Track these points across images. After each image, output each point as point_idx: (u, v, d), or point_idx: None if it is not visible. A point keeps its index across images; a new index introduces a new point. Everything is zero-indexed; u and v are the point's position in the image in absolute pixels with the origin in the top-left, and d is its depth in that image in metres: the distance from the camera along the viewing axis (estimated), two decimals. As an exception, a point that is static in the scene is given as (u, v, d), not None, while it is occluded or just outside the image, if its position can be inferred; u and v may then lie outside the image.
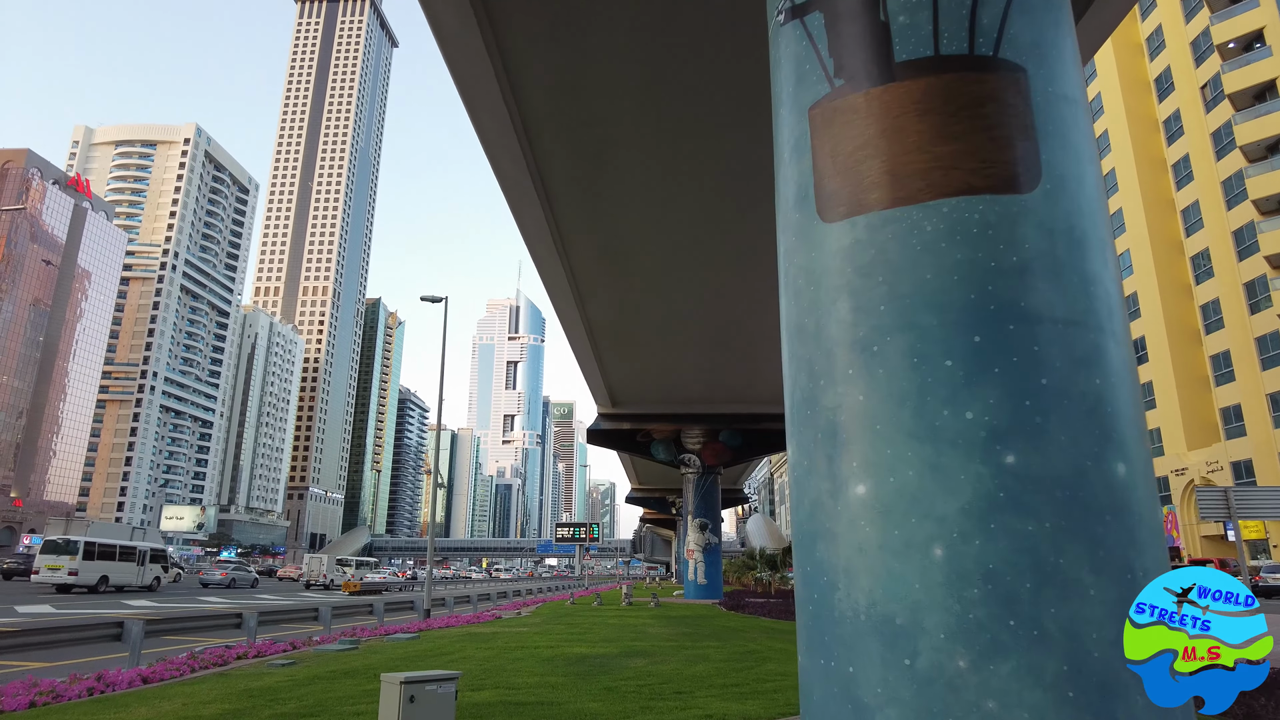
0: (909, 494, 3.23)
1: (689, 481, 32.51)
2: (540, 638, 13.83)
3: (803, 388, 3.78)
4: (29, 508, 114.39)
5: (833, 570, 3.43)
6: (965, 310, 3.33)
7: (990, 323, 3.30)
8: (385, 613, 21.85)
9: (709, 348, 25.65)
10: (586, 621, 18.54)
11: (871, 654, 3.20)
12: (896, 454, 3.29)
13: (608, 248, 17.13)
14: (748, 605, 24.63)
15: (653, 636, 14.25)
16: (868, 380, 3.45)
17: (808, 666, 3.58)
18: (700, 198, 15.10)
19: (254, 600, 27.69)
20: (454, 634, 15.27)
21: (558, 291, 19.21)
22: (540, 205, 14.53)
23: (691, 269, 19.08)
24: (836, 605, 3.38)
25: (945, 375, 3.28)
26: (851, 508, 3.38)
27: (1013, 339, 3.28)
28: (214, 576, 40.20)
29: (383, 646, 12.55)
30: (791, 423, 3.88)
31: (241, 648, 11.50)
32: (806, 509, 3.65)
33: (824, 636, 3.44)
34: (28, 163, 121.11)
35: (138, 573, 32.58)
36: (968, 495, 3.14)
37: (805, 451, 3.69)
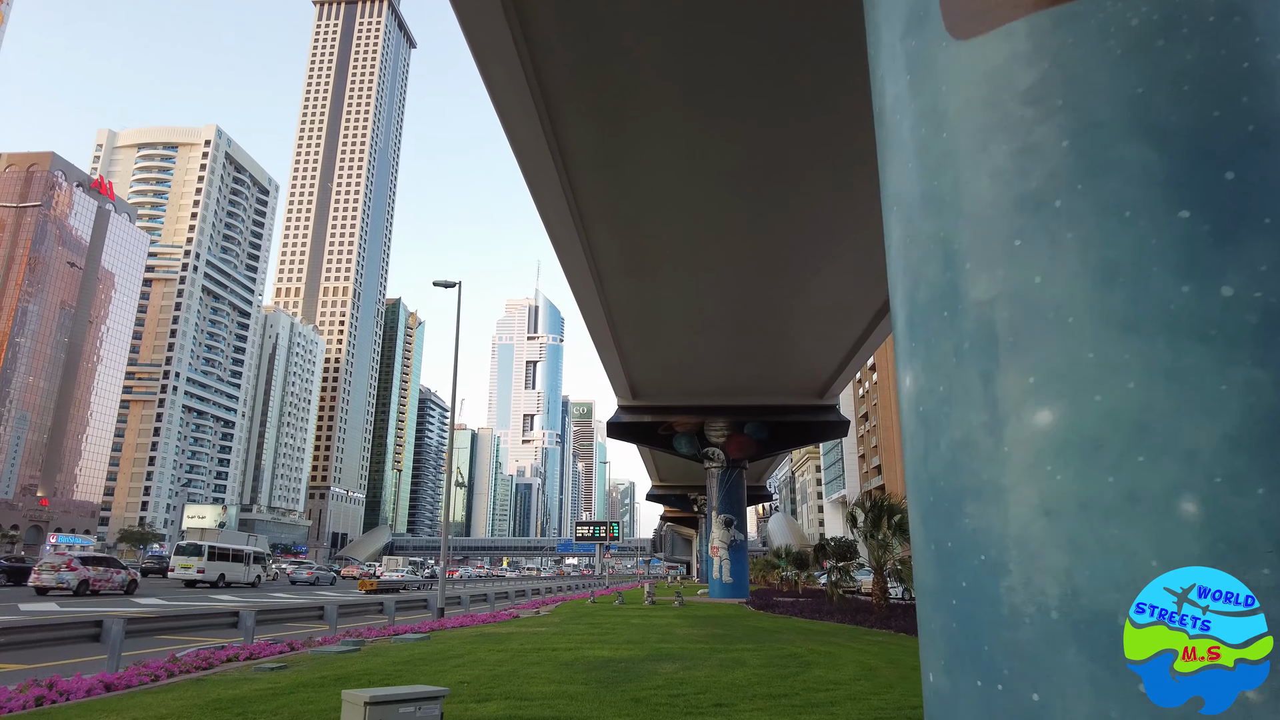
0: (1130, 419, 2.05)
1: (713, 476, 31.27)
2: (559, 639, 12.72)
3: (932, 282, 2.60)
4: (55, 507, 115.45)
5: (996, 544, 2.24)
6: (1206, 134, 2.14)
7: (1248, 150, 2.10)
8: (397, 612, 20.86)
9: (735, 333, 24.43)
10: (609, 622, 17.42)
11: (1074, 673, 2.02)
12: (1104, 358, 2.11)
13: (627, 218, 15.96)
14: (778, 605, 23.41)
15: (681, 638, 13.09)
16: (1048, 251, 2.26)
17: (949, 691, 2.39)
18: (727, 162, 13.93)
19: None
20: (467, 634, 14.20)
21: (576, 272, 18.08)
22: (556, 173, 13.41)
23: (717, 244, 17.91)
24: (1005, 598, 2.20)
25: (1181, 233, 2.09)
26: (1028, 446, 2.20)
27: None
28: (301, 575, 44.90)
29: (387, 648, 11.50)
30: (911, 336, 2.71)
31: (233, 649, 10.50)
32: (944, 457, 2.46)
33: (981, 645, 2.26)
34: (52, 165, 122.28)
35: (246, 571, 37.69)
36: (1235, 416, 1.95)
37: (939, 373, 2.51)
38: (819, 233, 17.55)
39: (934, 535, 2.50)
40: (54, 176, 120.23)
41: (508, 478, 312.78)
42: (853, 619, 17.39)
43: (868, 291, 20.47)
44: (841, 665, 9.31)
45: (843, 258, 18.96)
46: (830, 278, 20.40)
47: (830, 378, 28.51)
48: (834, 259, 19.07)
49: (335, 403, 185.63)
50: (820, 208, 16.21)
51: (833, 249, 18.57)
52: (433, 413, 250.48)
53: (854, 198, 15.82)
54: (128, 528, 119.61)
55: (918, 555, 2.68)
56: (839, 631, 14.80)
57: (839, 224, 17.08)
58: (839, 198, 15.72)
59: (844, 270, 19.96)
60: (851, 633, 14.46)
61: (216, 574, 34.97)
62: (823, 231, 17.42)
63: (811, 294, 21.54)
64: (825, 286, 20.99)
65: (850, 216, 16.62)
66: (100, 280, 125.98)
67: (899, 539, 18.15)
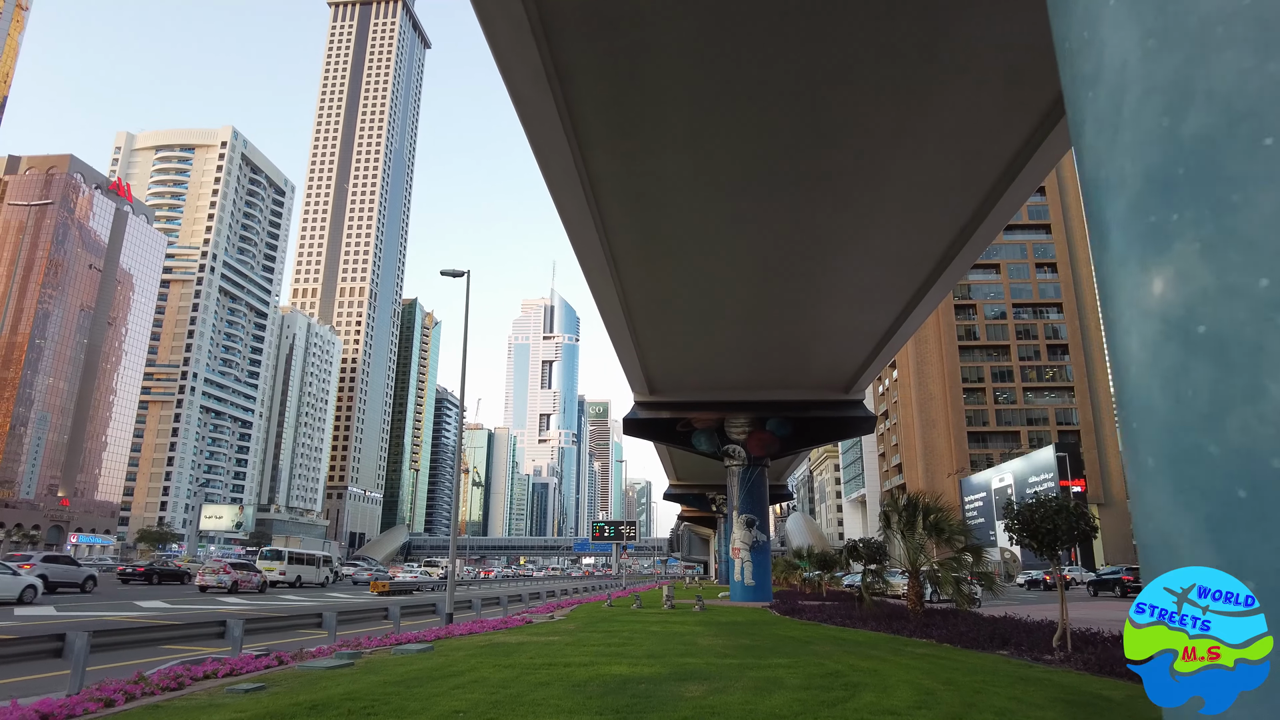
0: None
1: (733, 474, 30.07)
2: (573, 651, 11.64)
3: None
4: (76, 507, 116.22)
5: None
6: None
7: None
8: (404, 617, 19.91)
9: (757, 325, 23.25)
10: (626, 629, 16.32)
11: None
12: None
13: (645, 200, 14.82)
14: (804, 609, 22.20)
15: (705, 650, 11.96)
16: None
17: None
18: (751, 128, 12.79)
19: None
20: (474, 644, 13.16)
21: (590, 258, 16.97)
22: (567, 142, 12.31)
23: (738, 230, 16.77)
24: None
25: None
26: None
27: None
28: (362, 576, 49.10)
29: (384, 662, 10.48)
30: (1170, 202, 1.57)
31: (213, 664, 9.51)
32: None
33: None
34: (71, 168, 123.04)
35: (317, 573, 42.71)
36: None
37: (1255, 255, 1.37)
38: (847, 218, 16.40)
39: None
40: (73, 179, 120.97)
41: (524, 477, 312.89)
42: (888, 626, 16.18)
43: (900, 277, 19.23)
44: (893, 688, 8.14)
45: (873, 240, 17.76)
46: (859, 263, 19.19)
47: (857, 371, 27.25)
48: (864, 241, 17.87)
49: (352, 403, 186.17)
50: (850, 191, 15.08)
51: (862, 232, 17.39)
52: (450, 412, 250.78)
53: (887, 178, 14.66)
54: (146, 527, 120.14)
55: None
56: (876, 641, 13.60)
57: (869, 207, 15.92)
58: (870, 179, 14.57)
59: (874, 255, 18.75)
60: (891, 643, 13.27)
61: (295, 575, 39.70)
62: (852, 216, 16.27)
63: (839, 282, 20.34)
64: (854, 273, 19.78)
65: (881, 198, 15.45)
66: (119, 282, 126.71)
67: (934, 539, 16.92)
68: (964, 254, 17.66)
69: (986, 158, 13.94)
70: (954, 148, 13.54)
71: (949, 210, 15.89)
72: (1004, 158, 13.95)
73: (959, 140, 13.28)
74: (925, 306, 20.42)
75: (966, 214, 16.03)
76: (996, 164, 14.15)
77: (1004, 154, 13.87)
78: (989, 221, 16.13)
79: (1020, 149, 13.60)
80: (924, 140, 13.16)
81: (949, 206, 15.59)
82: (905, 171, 14.27)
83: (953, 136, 13.12)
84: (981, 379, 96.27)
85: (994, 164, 14.15)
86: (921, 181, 14.65)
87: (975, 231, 16.43)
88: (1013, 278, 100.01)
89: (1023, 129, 12.87)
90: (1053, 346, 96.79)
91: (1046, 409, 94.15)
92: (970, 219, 16.23)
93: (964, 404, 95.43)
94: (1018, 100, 12.00)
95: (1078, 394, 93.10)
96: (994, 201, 15.48)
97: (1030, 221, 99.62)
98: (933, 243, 17.17)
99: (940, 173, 14.37)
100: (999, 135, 13.22)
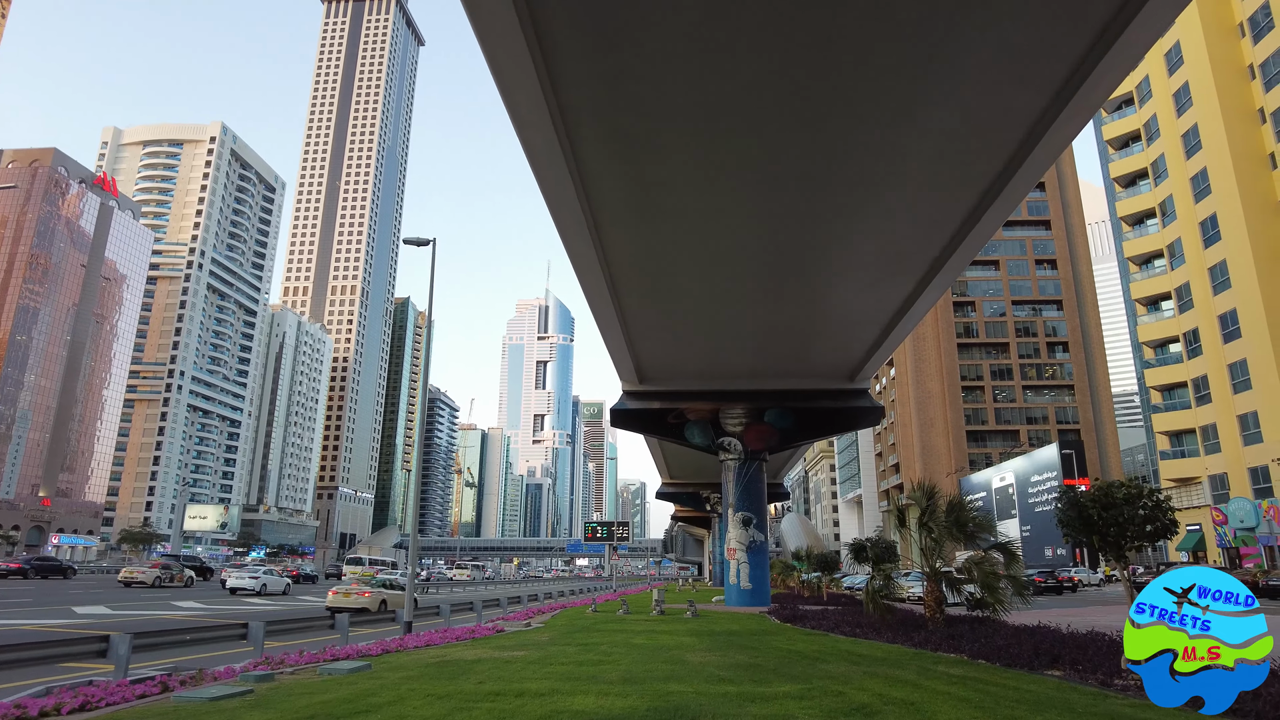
0: None
1: (729, 469, 27.99)
2: (534, 673, 9.56)
3: None
4: (58, 507, 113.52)
5: None
6: None
7: None
8: (360, 624, 17.84)
9: (757, 303, 21.22)
10: (606, 640, 14.25)
11: None
12: None
13: (627, 135, 12.70)
14: (806, 616, 20.14)
15: (696, 671, 9.89)
16: None
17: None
18: (751, 85, 10.77)
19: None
20: (422, 661, 11.08)
21: (565, 210, 14.74)
22: (525, 42, 10.10)
23: (736, 193, 14.74)
24: None
25: None
26: None
27: None
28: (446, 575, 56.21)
29: (295, 687, 8.40)
30: None
31: (64, 693, 7.44)
32: None
33: None
34: (54, 161, 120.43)
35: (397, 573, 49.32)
36: None
37: None
38: (857, 179, 14.43)
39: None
40: (57, 173, 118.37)
41: (518, 478, 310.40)
42: (906, 637, 14.13)
43: (912, 248, 17.21)
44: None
45: (886, 205, 15.76)
46: (869, 232, 17.16)
47: (863, 357, 25.21)
48: (876, 206, 15.86)
49: (344, 402, 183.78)
50: (860, 148, 13.08)
51: (874, 195, 15.39)
52: (442, 413, 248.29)
53: (899, 134, 12.66)
54: (130, 528, 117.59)
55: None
56: (898, 658, 11.55)
57: (881, 168, 13.94)
58: (883, 134, 12.60)
59: (885, 224, 16.74)
60: (915, 661, 11.21)
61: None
62: (862, 177, 14.30)
63: (846, 253, 18.30)
64: (863, 243, 17.75)
65: (894, 157, 13.46)
66: (104, 278, 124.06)
67: (958, 537, 14.88)
68: (990, 215, 15.63)
69: (1015, 111, 12.00)
70: (982, 103, 11.59)
71: (976, 163, 13.89)
72: (1031, 112, 12.02)
73: (988, 94, 11.30)
74: (943, 280, 18.36)
75: (996, 168, 14.02)
76: (1024, 119, 12.21)
77: (1031, 109, 11.94)
78: (1018, 178, 14.13)
79: (1048, 105, 11.68)
80: (953, 86, 11.19)
81: (982, 154, 13.56)
82: (928, 123, 12.30)
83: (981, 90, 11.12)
84: (980, 377, 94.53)
85: (1022, 119, 12.21)
86: (953, 128, 12.63)
87: (1003, 190, 14.41)
88: (1012, 274, 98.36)
89: (1055, 80, 10.88)
90: (1052, 344, 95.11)
91: (1046, 407, 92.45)
92: (998, 175, 14.22)
93: (963, 402, 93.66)
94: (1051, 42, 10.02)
95: (1077, 392, 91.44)
96: (1020, 162, 13.55)
97: (1030, 217, 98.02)
98: (956, 204, 15.11)
99: (972, 121, 12.40)
100: (1030, 84, 11.29)
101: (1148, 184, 57.52)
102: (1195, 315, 51.36)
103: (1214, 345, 49.37)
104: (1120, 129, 60.19)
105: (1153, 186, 56.54)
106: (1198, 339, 51.35)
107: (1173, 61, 53.02)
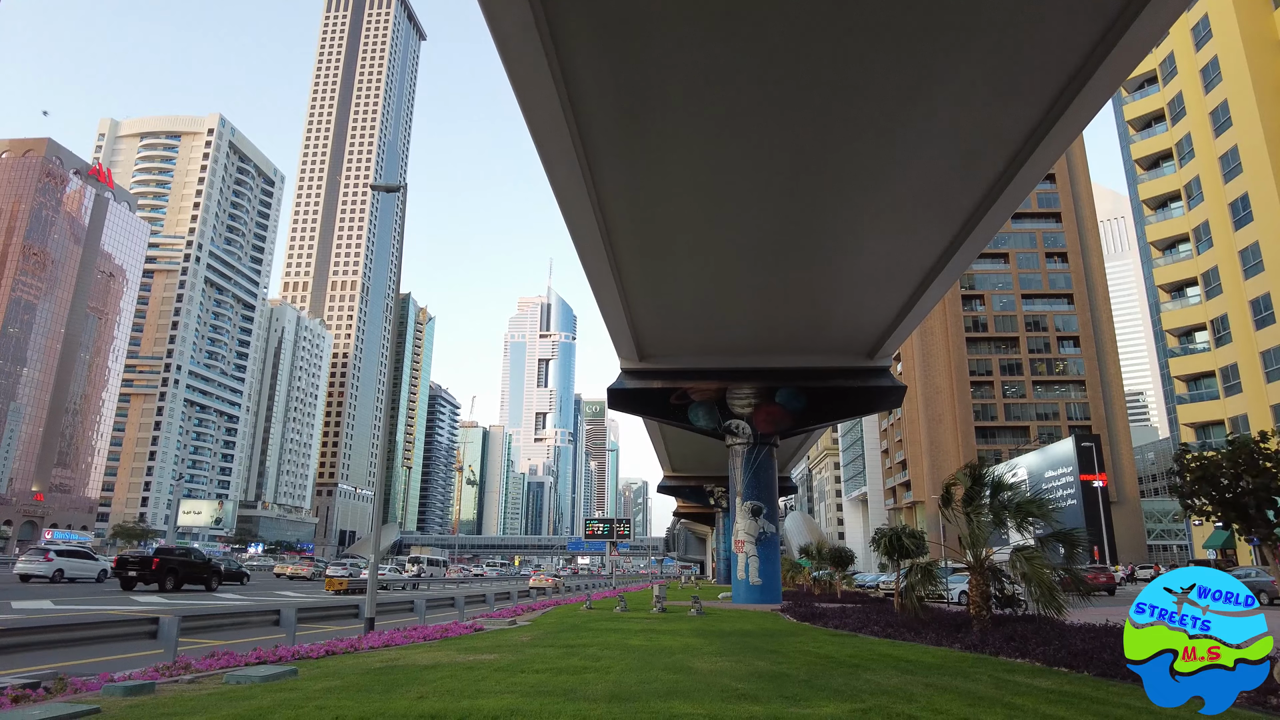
0: None
1: (737, 455, 25.74)
2: (496, 685, 7.35)
3: None
4: (52, 502, 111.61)
5: None
6: None
7: None
8: (315, 621, 15.66)
9: (767, 271, 18.99)
10: (596, 641, 12.04)
11: None
12: None
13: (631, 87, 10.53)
14: (824, 614, 17.94)
15: (707, 683, 7.66)
16: None
17: None
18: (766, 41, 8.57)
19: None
20: (362, 667, 8.88)
21: (551, 140, 12.57)
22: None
23: (746, 145, 12.55)
24: None
25: None
26: None
27: None
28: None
29: (162, 705, 6.21)
30: None
31: None
32: None
33: None
34: (49, 152, 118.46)
35: (440, 572, 57.50)
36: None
37: None
38: (875, 131, 12.27)
39: None
40: (51, 163, 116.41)
41: (519, 476, 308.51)
42: (950, 639, 11.92)
43: (954, 185, 14.93)
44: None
45: (909, 159, 13.56)
46: (892, 191, 14.94)
47: (884, 332, 22.94)
48: (897, 161, 13.67)
49: (344, 398, 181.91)
50: (881, 95, 10.94)
51: (895, 148, 13.19)
52: (443, 410, 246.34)
53: (928, 79, 10.48)
54: (125, 523, 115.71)
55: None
56: (957, 664, 9.31)
57: (903, 113, 11.78)
58: (904, 81, 10.44)
59: (911, 182, 14.52)
60: (981, 668, 8.97)
61: (429, 573, 53.57)
62: (882, 128, 12.14)
63: (865, 216, 16.07)
64: (885, 204, 15.52)
65: (921, 102, 11.29)
66: (99, 270, 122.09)
67: (1015, 522, 12.63)
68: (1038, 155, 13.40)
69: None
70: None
71: (1025, 91, 11.67)
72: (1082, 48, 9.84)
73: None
74: (983, 231, 16.07)
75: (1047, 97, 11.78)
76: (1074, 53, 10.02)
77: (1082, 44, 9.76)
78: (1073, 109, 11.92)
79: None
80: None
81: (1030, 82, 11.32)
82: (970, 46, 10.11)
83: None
84: (989, 372, 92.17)
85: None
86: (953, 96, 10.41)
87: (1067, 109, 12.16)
88: (1021, 267, 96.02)
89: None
90: (1063, 338, 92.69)
91: (1057, 403, 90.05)
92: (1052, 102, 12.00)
93: (971, 398, 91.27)
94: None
95: (1089, 388, 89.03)
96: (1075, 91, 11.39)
97: (1039, 209, 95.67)
98: (1015, 122, 12.81)
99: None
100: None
101: (1172, 165, 55.13)
102: (1223, 301, 48.99)
103: (1245, 333, 47.03)
104: (1142, 109, 57.81)
105: (1178, 168, 54.15)
106: (1226, 325, 48.98)
107: (1200, 36, 50.63)
